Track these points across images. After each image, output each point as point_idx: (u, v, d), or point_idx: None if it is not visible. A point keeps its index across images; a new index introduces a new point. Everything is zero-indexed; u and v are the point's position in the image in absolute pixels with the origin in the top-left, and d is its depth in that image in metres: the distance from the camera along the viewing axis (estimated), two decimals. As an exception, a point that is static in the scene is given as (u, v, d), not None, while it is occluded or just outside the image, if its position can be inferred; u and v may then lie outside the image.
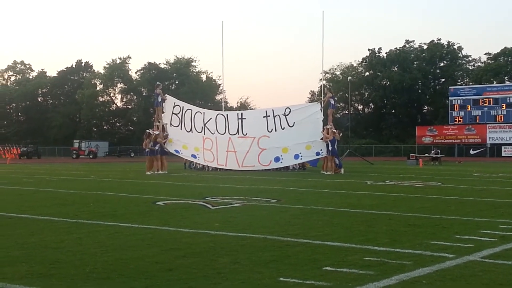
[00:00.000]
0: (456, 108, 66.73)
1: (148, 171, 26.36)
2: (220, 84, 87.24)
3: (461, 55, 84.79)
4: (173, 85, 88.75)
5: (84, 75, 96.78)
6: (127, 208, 11.36)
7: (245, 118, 28.55)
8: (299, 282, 5.25)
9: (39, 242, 7.34)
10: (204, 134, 28.52)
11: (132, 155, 71.59)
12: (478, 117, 65.45)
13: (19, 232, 8.21)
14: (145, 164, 27.56)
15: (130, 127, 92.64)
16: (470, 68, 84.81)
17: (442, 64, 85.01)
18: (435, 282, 5.30)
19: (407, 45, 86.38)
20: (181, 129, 28.79)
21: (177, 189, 16.96)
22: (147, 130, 28.35)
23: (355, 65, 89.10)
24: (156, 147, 26.84)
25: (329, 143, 26.17)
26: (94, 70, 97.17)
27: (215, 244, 7.20)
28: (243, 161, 27.81)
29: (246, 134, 27.98)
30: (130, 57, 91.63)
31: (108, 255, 6.49)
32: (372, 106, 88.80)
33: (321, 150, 26.79)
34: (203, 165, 29.59)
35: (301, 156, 27.40)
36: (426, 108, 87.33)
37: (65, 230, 8.39)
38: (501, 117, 64.12)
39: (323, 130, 26.78)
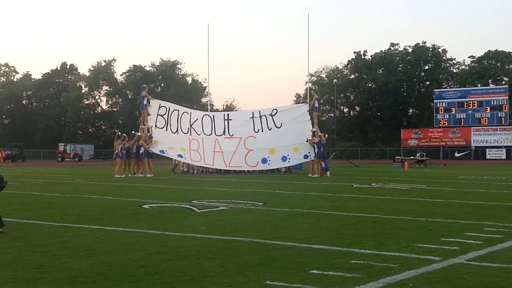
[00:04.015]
0: (441, 111, 66.99)
1: (116, 174, 26.14)
2: (206, 87, 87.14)
3: (446, 58, 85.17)
4: (159, 87, 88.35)
5: (69, 77, 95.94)
6: (113, 211, 11.32)
7: (231, 119, 28.51)
8: (285, 286, 5.25)
9: (24, 246, 7.28)
10: (190, 135, 28.36)
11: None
12: (462, 119, 65.72)
13: (3, 236, 8.14)
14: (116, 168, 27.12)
15: (116, 130, 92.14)
16: (455, 71, 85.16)
17: (427, 67, 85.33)
18: (421, 285, 5.32)
19: (392, 48, 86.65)
20: (166, 130, 28.51)
21: (163, 192, 16.88)
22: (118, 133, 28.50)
23: (340, 67, 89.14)
24: (141, 150, 26.80)
25: (315, 146, 26.15)
26: (79, 72, 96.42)
27: (201, 247, 7.18)
28: (230, 161, 27.71)
29: (233, 134, 27.91)
30: (115, 60, 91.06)
31: (94, 259, 6.46)
32: (358, 109, 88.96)
33: (309, 152, 26.67)
34: (188, 169, 29.58)
35: (289, 158, 27.29)
36: (411, 110, 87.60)
37: (50, 233, 8.34)
38: (485, 119, 64.45)
39: (313, 135, 26.70)
